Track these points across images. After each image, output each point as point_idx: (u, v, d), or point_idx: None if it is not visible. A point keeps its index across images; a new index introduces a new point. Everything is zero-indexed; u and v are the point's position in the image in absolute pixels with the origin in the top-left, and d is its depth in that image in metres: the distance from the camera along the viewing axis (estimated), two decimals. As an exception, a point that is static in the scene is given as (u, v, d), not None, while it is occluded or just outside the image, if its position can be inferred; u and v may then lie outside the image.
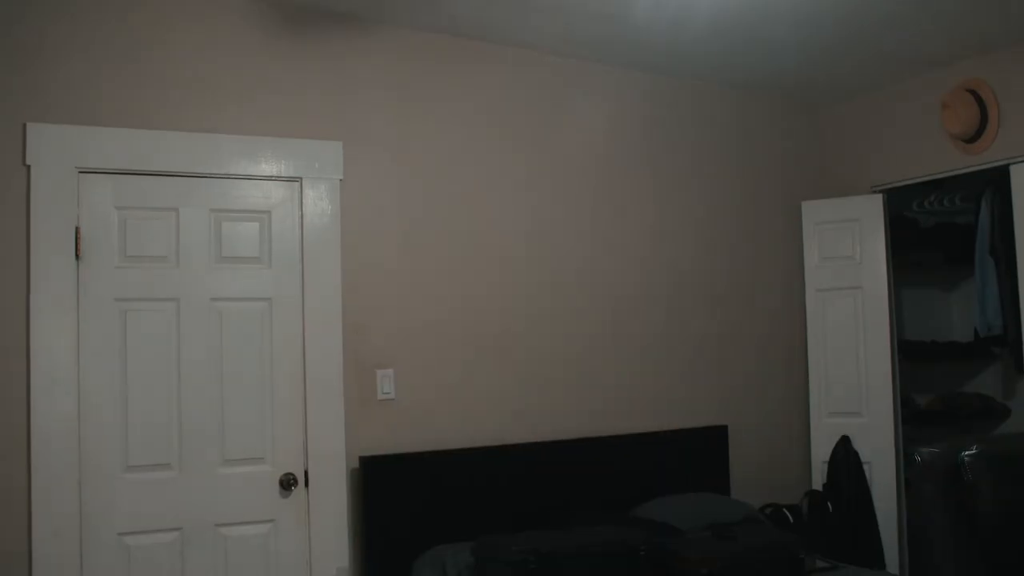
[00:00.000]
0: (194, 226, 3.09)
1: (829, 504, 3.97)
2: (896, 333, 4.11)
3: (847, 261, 4.20)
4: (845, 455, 4.05)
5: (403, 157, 3.44)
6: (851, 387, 4.13)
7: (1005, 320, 4.04)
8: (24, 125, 2.84)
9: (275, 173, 3.21)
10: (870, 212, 4.15)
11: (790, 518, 3.83)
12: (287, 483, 3.15)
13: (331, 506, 3.20)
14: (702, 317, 4.05)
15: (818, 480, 4.16)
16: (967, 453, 2.58)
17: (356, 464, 3.24)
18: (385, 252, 3.38)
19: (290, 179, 3.24)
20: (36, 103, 2.87)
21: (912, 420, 4.41)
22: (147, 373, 3.00)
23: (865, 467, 4.03)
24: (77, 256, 2.91)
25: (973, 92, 3.70)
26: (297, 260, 3.23)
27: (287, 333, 3.20)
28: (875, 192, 4.19)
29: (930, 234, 4.73)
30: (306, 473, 3.18)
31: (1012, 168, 3.62)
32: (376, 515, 3.18)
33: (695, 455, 3.87)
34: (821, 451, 4.17)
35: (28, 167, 2.85)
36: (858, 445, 4.06)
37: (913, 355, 4.56)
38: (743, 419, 4.07)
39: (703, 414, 3.98)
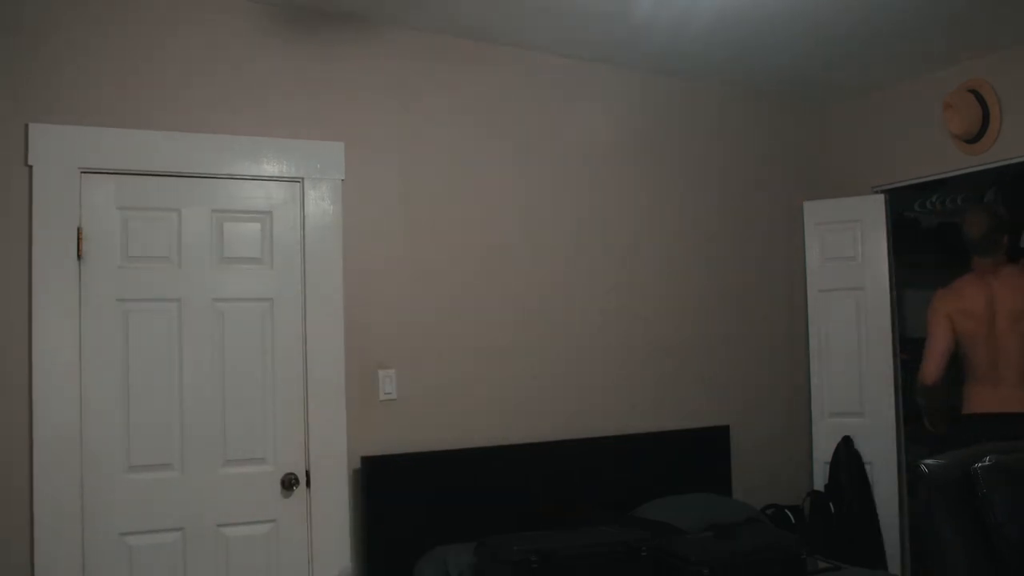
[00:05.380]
0: (196, 226, 3.09)
1: (831, 505, 3.97)
2: (898, 333, 4.11)
3: (848, 261, 4.20)
4: (847, 455, 4.05)
5: (405, 157, 3.44)
6: (852, 387, 4.13)
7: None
8: (26, 125, 2.84)
9: (277, 173, 3.21)
10: (872, 212, 4.15)
11: (792, 518, 3.83)
12: (289, 483, 3.15)
13: (333, 506, 3.20)
14: (704, 317, 4.05)
15: (820, 480, 4.16)
16: (980, 465, 2.51)
17: (358, 464, 3.24)
18: (387, 252, 3.38)
19: (292, 179, 3.24)
20: (38, 103, 2.87)
21: (913, 420, 4.40)
22: (149, 373, 3.00)
23: (867, 467, 4.03)
24: (79, 256, 2.91)
25: (975, 92, 3.70)
26: (299, 260, 3.23)
27: (289, 333, 3.20)
28: (876, 192, 4.19)
29: (932, 234, 4.73)
30: (308, 473, 3.18)
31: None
32: (378, 515, 3.18)
33: (697, 455, 3.87)
34: (823, 451, 4.17)
35: (30, 167, 2.85)
36: (859, 445, 4.06)
37: (917, 352, 4.54)
38: (745, 419, 4.07)
39: (704, 414, 3.98)
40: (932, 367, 3.63)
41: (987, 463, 2.50)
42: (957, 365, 3.67)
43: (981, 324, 3.55)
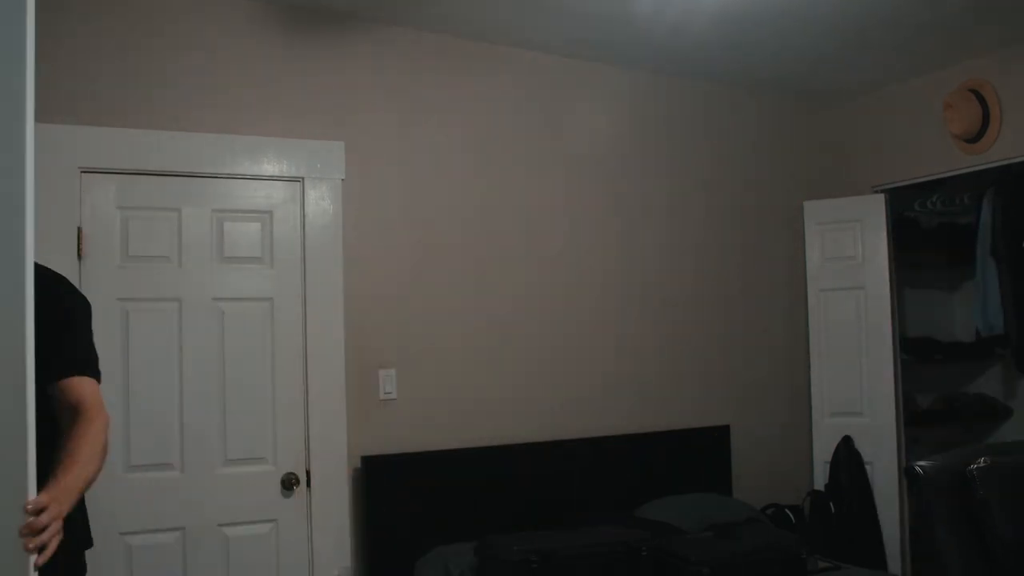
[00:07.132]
0: (196, 226, 3.09)
1: (831, 504, 3.97)
2: (898, 333, 4.11)
3: (849, 261, 4.20)
4: (847, 455, 4.05)
5: (405, 157, 3.44)
6: (853, 387, 4.13)
7: (1006, 320, 4.03)
8: (26, 125, 2.84)
9: (277, 173, 3.21)
10: (872, 212, 4.15)
11: (792, 518, 3.83)
12: (289, 483, 3.15)
13: (333, 506, 3.20)
14: (704, 317, 4.05)
15: (820, 480, 4.16)
16: (976, 466, 2.50)
17: (358, 464, 3.25)
18: (387, 252, 3.38)
19: (292, 179, 3.24)
20: (38, 102, 2.85)
21: (914, 421, 4.40)
22: (149, 373, 3.00)
23: (867, 467, 4.03)
24: (79, 256, 2.91)
25: (975, 92, 3.70)
26: (299, 260, 3.23)
27: (289, 333, 3.20)
28: (876, 192, 4.19)
29: (932, 234, 4.72)
30: (308, 473, 3.18)
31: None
32: (378, 515, 3.19)
33: (697, 455, 3.87)
34: (823, 451, 4.17)
35: (30, 167, 2.84)
36: (860, 445, 4.06)
37: (917, 352, 4.55)
38: (745, 419, 4.07)
39: (705, 414, 3.98)
40: None
41: (982, 464, 2.50)
42: None
43: None
